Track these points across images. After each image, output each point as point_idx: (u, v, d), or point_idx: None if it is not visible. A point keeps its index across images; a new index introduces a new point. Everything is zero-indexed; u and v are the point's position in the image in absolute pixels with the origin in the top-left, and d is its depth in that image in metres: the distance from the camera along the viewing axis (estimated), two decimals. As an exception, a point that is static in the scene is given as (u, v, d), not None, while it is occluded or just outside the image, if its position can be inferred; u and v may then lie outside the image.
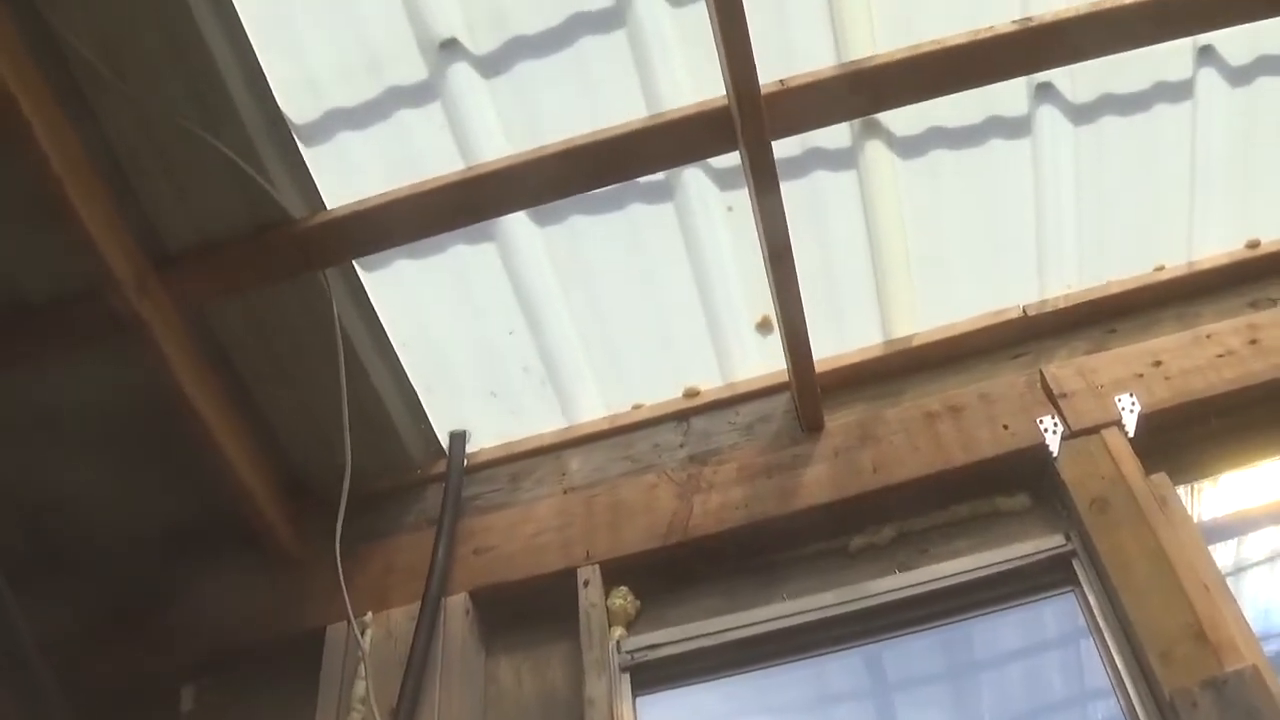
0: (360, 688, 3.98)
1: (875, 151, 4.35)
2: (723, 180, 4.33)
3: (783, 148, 4.01)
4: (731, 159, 4.05)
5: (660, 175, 4.28)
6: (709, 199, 4.35)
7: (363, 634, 4.10)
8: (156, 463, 4.32)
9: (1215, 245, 4.68)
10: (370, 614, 4.18)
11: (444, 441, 4.68)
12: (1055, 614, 4.05)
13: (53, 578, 4.36)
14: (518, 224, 4.32)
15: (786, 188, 3.95)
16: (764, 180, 3.88)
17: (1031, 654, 4.20)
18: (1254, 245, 4.65)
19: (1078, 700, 4.05)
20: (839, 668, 4.18)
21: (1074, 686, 4.08)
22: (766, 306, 4.42)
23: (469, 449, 4.67)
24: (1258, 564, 4.24)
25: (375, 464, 4.53)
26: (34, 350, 3.98)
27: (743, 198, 4.09)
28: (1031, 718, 4.06)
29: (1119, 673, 3.59)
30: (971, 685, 4.24)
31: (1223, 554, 3.97)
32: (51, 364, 4.04)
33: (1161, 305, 4.60)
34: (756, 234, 4.06)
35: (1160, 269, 4.68)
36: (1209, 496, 4.20)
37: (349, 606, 4.08)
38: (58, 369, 4.05)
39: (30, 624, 3.67)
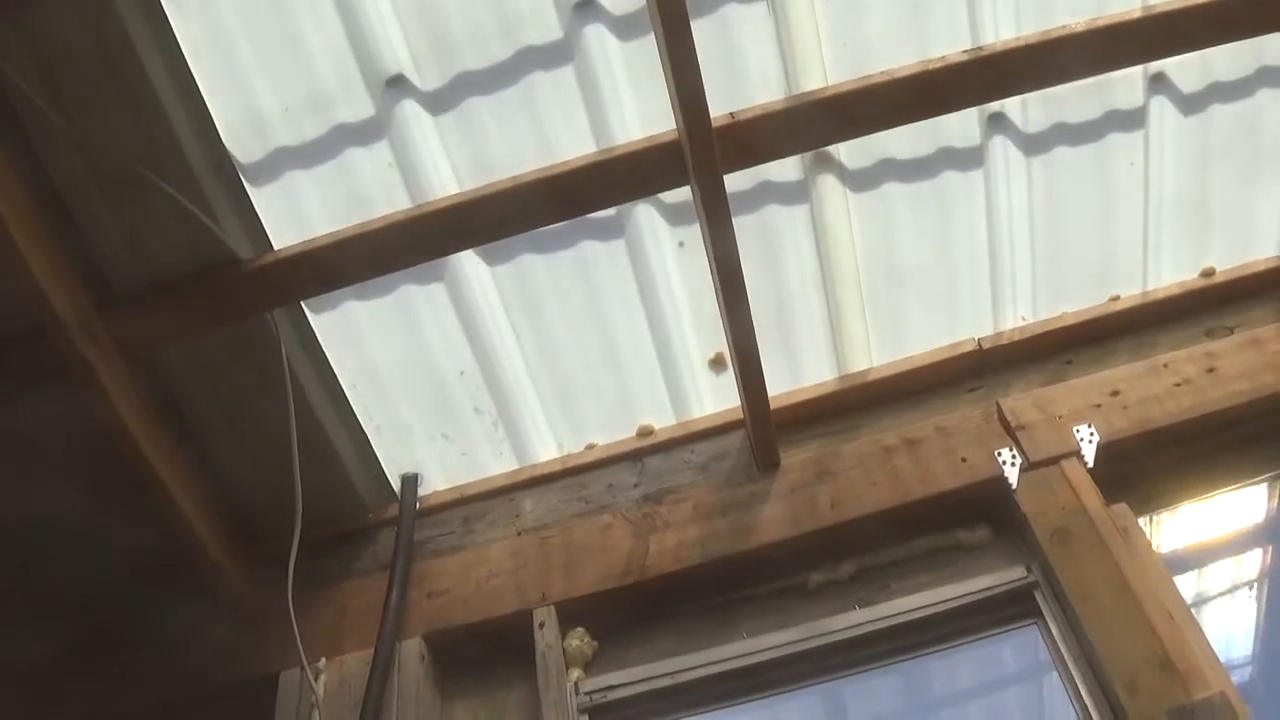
0: (314, 735, 3.92)
1: (827, 185, 4.33)
2: (674, 216, 4.31)
3: (734, 181, 4.00)
4: (683, 194, 4.02)
5: (611, 211, 4.25)
6: (660, 235, 4.33)
7: (316, 680, 4.04)
8: (107, 505, 4.26)
9: (1170, 274, 4.68)
10: (324, 660, 4.11)
11: (396, 485, 4.63)
12: (1017, 649, 4.02)
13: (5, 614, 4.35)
14: (467, 262, 4.29)
15: (738, 222, 3.91)
16: (716, 215, 3.84)
17: (994, 690, 4.18)
18: (1209, 274, 4.65)
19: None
20: (799, 707, 4.14)
21: (1035, 722, 4.06)
22: (720, 343, 4.40)
23: (421, 492, 4.63)
24: (1219, 595, 4.23)
25: (327, 508, 4.48)
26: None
27: (694, 233, 4.07)
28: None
29: (1084, 704, 3.55)
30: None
31: (1184, 586, 3.95)
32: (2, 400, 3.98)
33: (1118, 336, 4.59)
34: (709, 270, 4.02)
35: (1115, 299, 4.67)
36: (1168, 528, 4.19)
37: (302, 652, 4.02)
38: (7, 406, 3.99)
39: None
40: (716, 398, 4.62)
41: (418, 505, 4.58)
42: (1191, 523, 4.24)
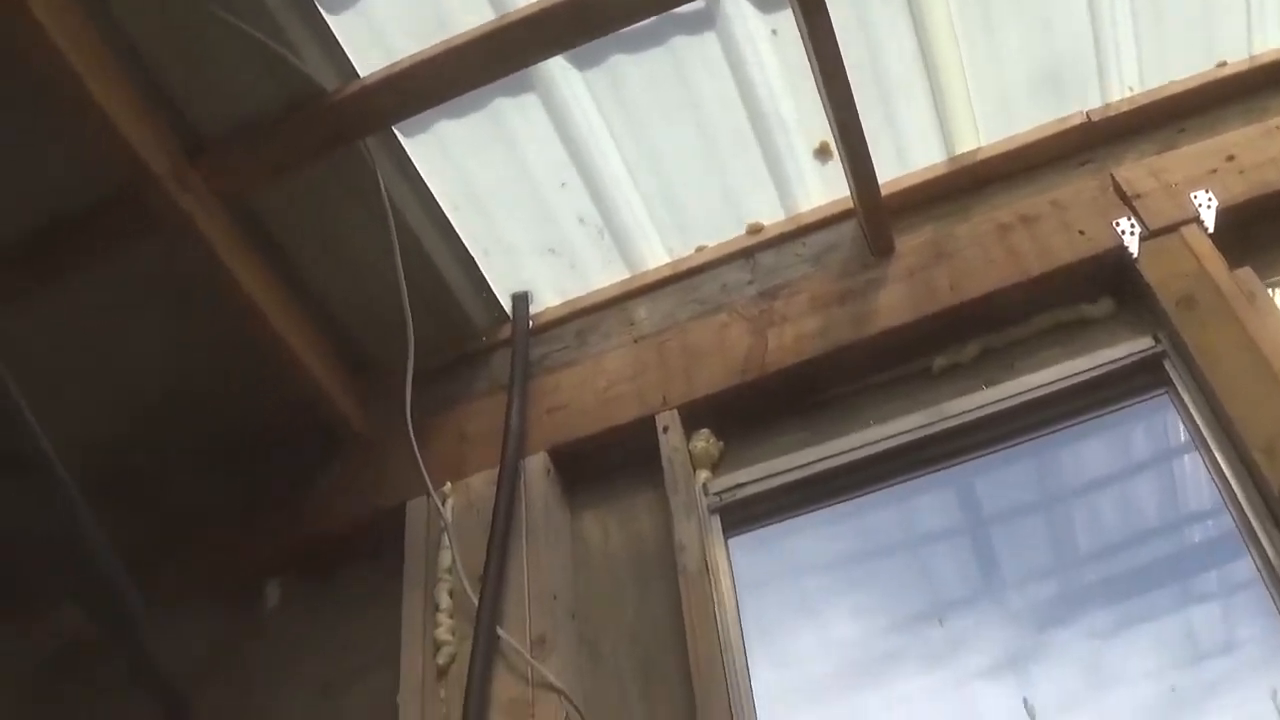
0: (446, 558, 3.96)
1: (923, -43, 4.22)
2: (764, 3, 4.20)
3: (825, -39, 3.88)
4: (771, -22, 3.92)
5: (700, 3, 4.14)
6: (752, 24, 4.23)
7: (443, 504, 4.07)
8: (219, 358, 4.30)
9: (1275, 37, 4.51)
10: (449, 484, 4.15)
11: (506, 305, 4.63)
12: (1148, 432, 3.95)
13: (127, 482, 4.37)
14: (557, 70, 4.22)
15: (832, 4, 3.76)
16: (809, -1, 3.73)
17: (1126, 476, 4.10)
18: (1314, 32, 4.49)
19: (1176, 524, 3.95)
20: (932, 502, 4.10)
21: (1169, 510, 3.99)
22: (823, 132, 4.31)
23: (532, 309, 4.63)
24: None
25: (439, 334, 4.49)
26: (81, 259, 3.95)
27: (787, 19, 3.95)
28: (1132, 545, 3.97)
29: (1221, 471, 3.49)
30: (1066, 514, 4.15)
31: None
32: (100, 269, 3.99)
33: (1227, 101, 4.44)
34: (806, 57, 3.91)
35: (1222, 65, 4.52)
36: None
37: (427, 479, 4.05)
38: (107, 273, 4.00)
39: (109, 526, 3.59)
40: (824, 188, 4.54)
41: (530, 323, 4.57)
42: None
